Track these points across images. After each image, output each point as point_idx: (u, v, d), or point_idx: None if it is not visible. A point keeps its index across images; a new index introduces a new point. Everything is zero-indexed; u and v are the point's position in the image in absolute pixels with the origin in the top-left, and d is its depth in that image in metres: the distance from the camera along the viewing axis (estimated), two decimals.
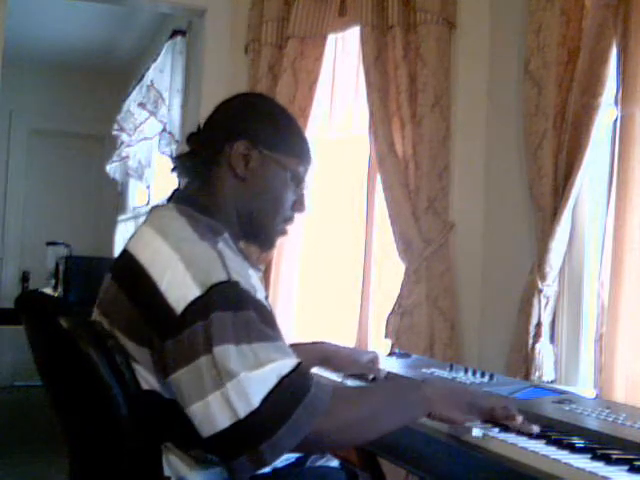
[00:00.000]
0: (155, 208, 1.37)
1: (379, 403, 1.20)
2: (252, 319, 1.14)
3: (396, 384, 1.35)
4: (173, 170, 1.41)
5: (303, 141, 1.41)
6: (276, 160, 1.34)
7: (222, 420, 1.07)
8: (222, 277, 1.14)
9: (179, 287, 1.13)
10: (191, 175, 1.38)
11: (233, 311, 1.12)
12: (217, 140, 1.34)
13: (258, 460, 1.08)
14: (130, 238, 1.30)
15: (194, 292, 1.12)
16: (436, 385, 1.34)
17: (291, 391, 1.09)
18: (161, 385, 1.16)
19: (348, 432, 1.17)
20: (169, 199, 1.36)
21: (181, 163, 1.39)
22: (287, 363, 1.12)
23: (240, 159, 1.32)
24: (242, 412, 1.07)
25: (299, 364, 1.14)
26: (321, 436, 1.12)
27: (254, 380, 1.08)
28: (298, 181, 1.38)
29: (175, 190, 1.38)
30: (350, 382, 1.68)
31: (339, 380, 1.71)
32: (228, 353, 1.08)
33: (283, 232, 1.41)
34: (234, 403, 1.07)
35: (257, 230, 1.37)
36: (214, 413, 1.08)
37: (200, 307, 1.11)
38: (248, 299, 1.16)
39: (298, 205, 1.40)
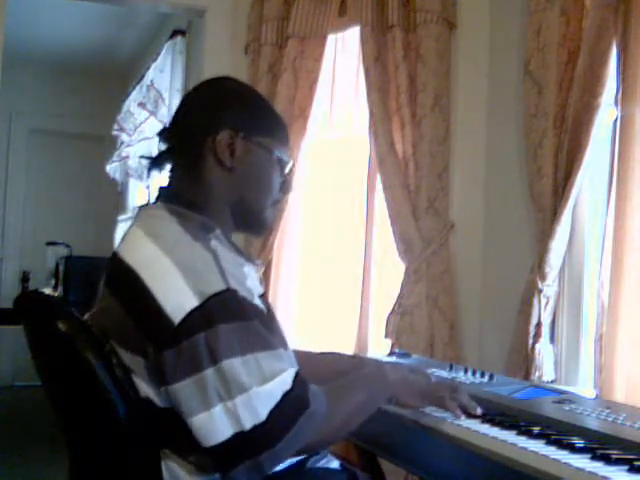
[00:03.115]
0: (143, 208, 1.34)
1: (359, 398, 1.28)
2: (253, 328, 1.14)
3: (368, 376, 1.37)
4: (151, 169, 1.38)
5: (280, 121, 1.40)
6: (260, 144, 1.33)
7: (225, 431, 1.09)
8: (220, 286, 1.13)
9: (176, 295, 1.11)
10: (175, 172, 1.35)
11: (235, 322, 1.11)
12: (198, 133, 1.31)
13: (257, 469, 1.10)
14: (121, 241, 1.28)
15: (192, 302, 1.10)
16: (397, 372, 1.41)
17: (293, 405, 1.12)
18: (156, 394, 1.15)
19: (337, 433, 1.25)
20: (157, 198, 1.33)
21: (162, 161, 1.36)
22: (289, 375, 1.14)
23: (225, 149, 1.29)
24: (248, 424, 1.08)
25: (297, 374, 1.16)
26: (315, 441, 1.18)
27: (263, 394, 1.10)
28: (283, 162, 1.37)
29: (161, 188, 1.35)
30: None
31: None
32: (236, 367, 1.09)
33: (274, 215, 1.41)
34: (241, 415, 1.08)
35: (250, 217, 1.36)
36: (218, 424, 1.09)
37: (200, 318, 1.10)
38: (247, 308, 1.15)
39: (285, 186, 1.40)
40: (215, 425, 1.09)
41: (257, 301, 1.19)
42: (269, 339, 1.15)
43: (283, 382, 1.12)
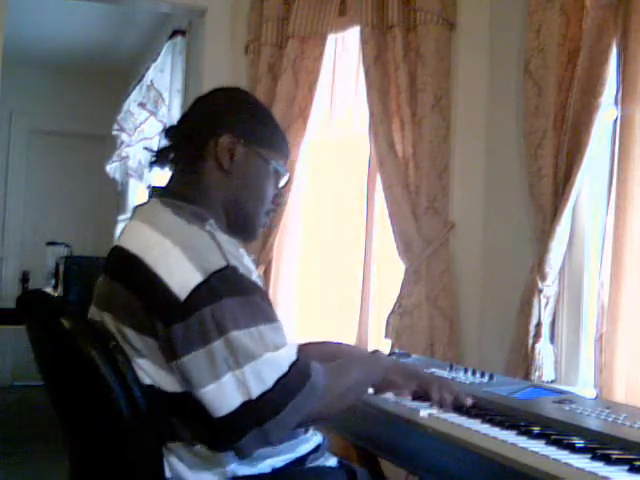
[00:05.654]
0: (139, 206, 1.38)
1: (356, 376, 1.34)
2: (255, 302, 1.19)
3: (363, 358, 1.45)
4: (153, 164, 1.42)
5: (282, 135, 1.46)
6: (259, 154, 1.38)
7: (234, 400, 1.13)
8: (222, 263, 1.18)
9: (180, 273, 1.16)
10: (175, 170, 1.39)
11: (237, 297, 1.17)
12: (201, 134, 1.36)
13: (263, 437, 1.15)
14: (119, 236, 1.32)
15: (196, 278, 1.15)
16: (389, 358, 1.52)
17: (297, 375, 1.17)
18: (166, 374, 1.18)
19: (336, 406, 1.29)
20: (150, 196, 1.38)
21: (163, 157, 1.41)
22: (293, 347, 1.20)
23: (226, 153, 1.35)
24: (255, 392, 1.13)
25: (299, 346, 1.22)
26: (315, 412, 1.22)
27: (270, 362, 1.15)
28: (279, 174, 1.43)
29: (154, 187, 1.40)
30: None
31: None
32: (243, 338, 1.14)
33: (265, 224, 1.45)
34: (249, 383, 1.13)
35: (242, 222, 1.40)
36: (227, 394, 1.13)
37: (205, 293, 1.15)
38: (247, 283, 1.20)
39: (278, 198, 1.45)
40: (224, 395, 1.13)
41: (255, 279, 1.24)
42: (270, 313, 1.21)
43: (289, 353, 1.18)
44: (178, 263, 1.16)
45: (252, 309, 1.18)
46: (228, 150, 1.35)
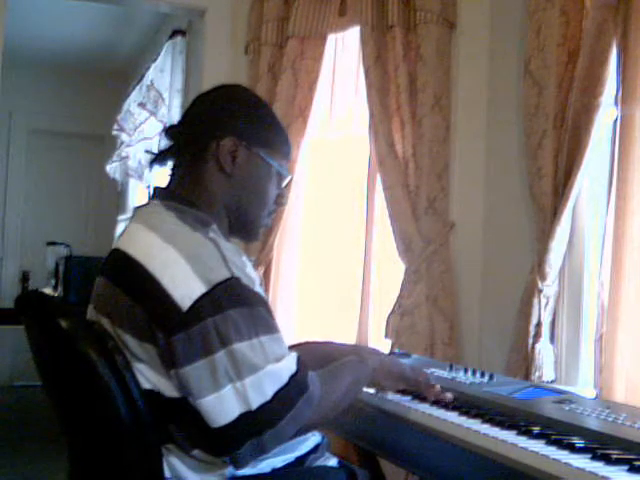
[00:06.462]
0: (140, 207, 1.37)
1: (347, 383, 1.34)
2: (257, 314, 1.18)
3: (350, 363, 1.41)
4: (152, 164, 1.41)
5: (284, 136, 1.45)
6: (261, 156, 1.37)
7: (233, 411, 1.12)
8: (225, 274, 1.17)
9: (183, 282, 1.15)
10: (176, 171, 1.38)
11: (241, 308, 1.16)
12: (203, 136, 1.35)
13: (260, 448, 1.15)
14: (119, 237, 1.31)
15: (200, 289, 1.14)
16: (374, 358, 1.49)
17: (295, 387, 1.17)
18: (165, 380, 1.17)
19: (329, 414, 1.29)
20: (152, 197, 1.36)
21: (165, 157, 1.40)
22: (293, 358, 1.20)
23: (228, 155, 1.34)
24: (255, 403, 1.13)
25: (299, 358, 1.21)
26: (310, 422, 1.23)
27: (271, 375, 1.14)
28: (281, 176, 1.42)
29: (156, 188, 1.38)
30: None
31: None
32: (245, 350, 1.14)
33: (267, 225, 1.46)
34: (249, 395, 1.12)
35: (244, 224, 1.40)
36: (226, 405, 1.12)
37: (208, 304, 1.14)
38: (251, 294, 1.20)
39: (280, 199, 1.45)
40: (224, 406, 1.12)
41: (258, 289, 1.23)
42: (272, 324, 1.21)
43: (289, 365, 1.18)
44: (182, 273, 1.15)
45: (254, 320, 1.17)
46: (230, 153, 1.34)
